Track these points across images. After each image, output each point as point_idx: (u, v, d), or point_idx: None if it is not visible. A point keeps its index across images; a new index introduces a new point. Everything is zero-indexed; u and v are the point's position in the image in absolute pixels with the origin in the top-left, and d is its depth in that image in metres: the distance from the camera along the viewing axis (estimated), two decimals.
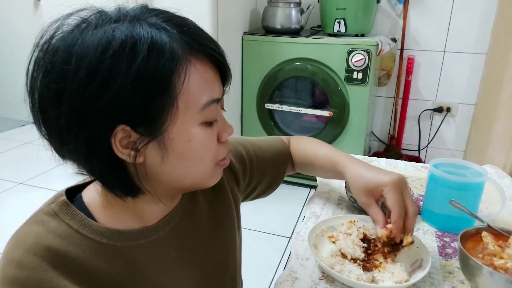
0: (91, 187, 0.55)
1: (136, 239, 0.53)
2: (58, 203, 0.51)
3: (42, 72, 0.45)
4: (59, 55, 0.44)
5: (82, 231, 0.49)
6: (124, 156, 0.46)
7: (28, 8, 3.06)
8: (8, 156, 2.81)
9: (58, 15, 0.49)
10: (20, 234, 0.49)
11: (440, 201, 0.76)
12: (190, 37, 0.47)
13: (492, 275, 0.56)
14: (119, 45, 0.42)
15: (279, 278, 0.65)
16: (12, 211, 2.12)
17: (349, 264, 0.64)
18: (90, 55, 0.42)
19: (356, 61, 1.97)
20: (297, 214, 2.12)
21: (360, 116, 2.10)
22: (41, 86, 0.45)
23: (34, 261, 0.45)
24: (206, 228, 0.63)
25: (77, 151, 0.46)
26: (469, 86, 2.31)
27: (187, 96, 0.46)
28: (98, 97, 0.43)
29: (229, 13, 2.02)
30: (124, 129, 0.45)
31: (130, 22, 0.45)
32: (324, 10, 2.13)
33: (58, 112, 0.44)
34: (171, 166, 0.49)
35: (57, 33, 0.46)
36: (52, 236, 0.48)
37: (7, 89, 3.39)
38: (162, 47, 0.44)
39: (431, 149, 2.52)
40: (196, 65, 0.47)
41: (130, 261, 0.52)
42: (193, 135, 0.49)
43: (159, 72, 0.44)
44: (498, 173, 1.03)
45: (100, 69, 0.42)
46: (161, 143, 0.47)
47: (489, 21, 2.14)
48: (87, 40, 0.43)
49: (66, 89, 0.43)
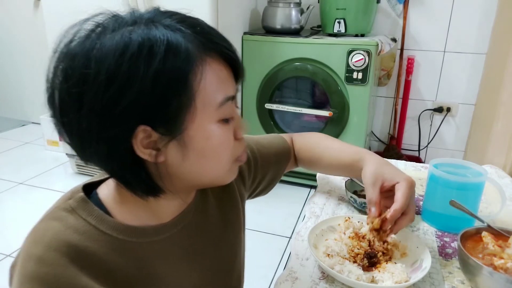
0: (107, 184, 0.55)
1: (151, 236, 0.54)
2: (75, 199, 0.52)
3: (62, 77, 0.46)
4: (78, 59, 0.45)
5: (100, 226, 0.50)
6: (146, 156, 0.47)
7: (28, 8, 3.05)
8: (8, 156, 2.81)
9: (58, 15, 0.50)
10: (39, 230, 0.49)
11: (440, 201, 0.76)
12: (203, 37, 0.48)
13: (492, 275, 0.56)
14: (136, 47, 0.43)
15: (279, 278, 0.65)
16: (12, 211, 2.12)
17: (349, 264, 0.64)
18: (109, 59, 0.43)
19: (356, 61, 1.97)
20: (297, 214, 2.12)
21: (360, 116, 2.10)
22: (61, 91, 0.46)
23: (53, 257, 0.46)
24: (215, 226, 0.64)
25: (98, 153, 0.48)
26: (469, 86, 2.32)
27: (204, 94, 0.47)
28: (118, 99, 0.43)
29: (229, 13, 2.02)
30: (145, 129, 0.46)
31: (146, 24, 0.46)
32: (324, 10, 2.12)
33: (79, 116, 0.45)
34: (191, 164, 0.50)
35: (75, 38, 0.47)
36: (70, 231, 0.48)
37: (7, 89, 3.39)
38: (178, 48, 0.45)
39: (431, 149, 2.52)
40: (211, 64, 0.48)
41: (145, 258, 0.53)
42: (212, 132, 0.50)
43: (176, 73, 0.45)
44: (498, 173, 1.03)
45: (119, 72, 0.43)
46: (181, 142, 0.48)
47: (489, 21, 2.14)
48: (105, 44, 0.44)
49: (86, 93, 0.44)
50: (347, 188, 0.86)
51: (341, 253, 0.67)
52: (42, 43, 2.38)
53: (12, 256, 1.73)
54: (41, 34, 2.38)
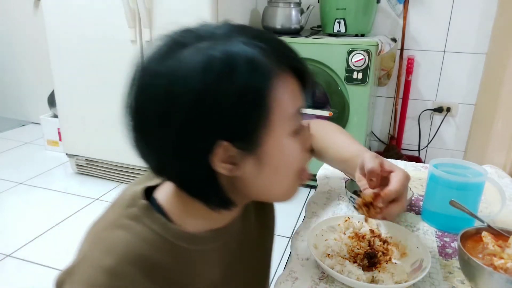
0: (164, 189, 0.55)
1: (208, 243, 0.55)
2: (139, 207, 0.51)
3: (147, 96, 0.46)
4: (162, 78, 0.45)
5: (165, 235, 0.50)
6: (223, 170, 0.47)
7: (28, 8, 3.05)
8: (8, 156, 2.81)
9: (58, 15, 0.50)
10: (107, 240, 0.48)
11: (440, 201, 0.76)
12: (278, 51, 0.48)
13: (492, 275, 0.56)
14: (220, 64, 0.43)
15: (279, 278, 0.65)
16: (12, 211, 2.12)
17: (349, 264, 0.64)
18: (194, 78, 0.43)
19: (356, 61, 1.97)
20: (297, 214, 2.12)
21: (360, 116, 2.10)
22: (145, 109, 0.46)
23: (128, 271, 0.46)
24: (254, 232, 0.65)
25: (176, 167, 0.48)
26: (469, 86, 2.31)
27: (280, 109, 0.48)
28: (203, 116, 0.44)
29: (229, 13, 2.02)
30: (224, 144, 0.46)
31: (223, 40, 0.46)
32: (324, 10, 2.12)
33: (162, 133, 0.45)
34: (265, 178, 0.50)
35: (156, 56, 0.47)
36: (140, 241, 0.48)
37: (7, 89, 3.39)
38: (258, 64, 0.45)
39: (431, 149, 2.52)
40: (285, 78, 0.49)
41: (203, 265, 0.54)
42: (286, 146, 0.50)
43: (256, 88, 0.45)
44: (498, 173, 1.03)
45: (205, 90, 0.43)
46: (257, 156, 0.48)
47: (489, 21, 2.14)
48: (188, 61, 0.44)
49: (172, 111, 0.44)
50: (347, 188, 0.86)
51: (341, 253, 0.67)
52: (42, 43, 2.38)
53: (13, 256, 1.73)
54: (41, 34, 2.38)
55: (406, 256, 0.68)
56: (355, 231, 0.72)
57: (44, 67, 2.90)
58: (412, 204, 0.87)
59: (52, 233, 1.89)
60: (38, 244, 1.82)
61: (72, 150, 2.43)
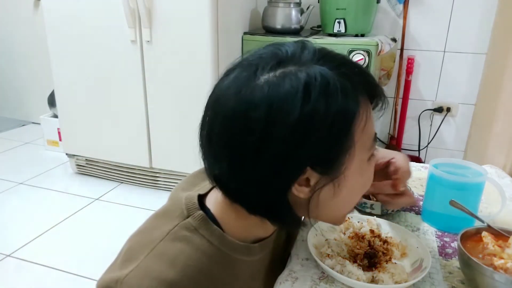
0: (214, 198, 0.55)
1: (259, 253, 0.55)
2: (196, 218, 0.51)
3: (241, 127, 0.44)
4: (260, 109, 0.42)
5: (222, 247, 0.50)
6: (300, 194, 0.47)
7: (28, 8, 3.05)
8: (8, 156, 2.80)
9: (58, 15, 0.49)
10: (167, 252, 0.48)
11: (440, 201, 0.76)
12: (361, 79, 0.48)
13: (492, 275, 0.56)
14: (316, 93, 0.42)
15: (279, 278, 0.65)
16: (12, 211, 2.12)
17: (349, 264, 0.64)
18: (291, 108, 0.42)
19: (356, 61, 1.96)
20: None
21: None
22: (237, 139, 0.44)
23: (189, 286, 0.46)
24: (282, 243, 0.67)
25: (257, 192, 0.47)
26: (469, 86, 2.31)
27: (362, 136, 0.47)
28: (298, 146, 0.43)
29: (229, 13, 2.02)
30: (307, 170, 0.45)
31: (312, 66, 0.45)
32: (324, 10, 2.12)
33: (254, 162, 0.44)
34: (338, 201, 0.50)
35: (237, 83, 0.45)
36: (199, 255, 0.48)
37: (7, 89, 3.39)
38: (348, 92, 0.45)
39: (431, 149, 2.52)
40: (366, 104, 0.48)
41: (248, 275, 0.54)
42: (364, 171, 0.51)
43: (346, 115, 0.45)
44: (498, 173, 1.03)
45: (302, 119, 0.42)
46: (336, 181, 0.48)
47: (489, 21, 2.14)
48: (283, 90, 0.42)
49: (268, 143, 0.43)
50: None
51: (341, 253, 0.67)
52: (42, 43, 2.38)
53: (13, 256, 1.73)
54: (41, 34, 2.38)
55: (406, 256, 0.68)
56: (355, 231, 0.72)
57: (44, 67, 2.90)
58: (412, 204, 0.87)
59: (52, 233, 1.89)
60: (38, 244, 1.81)
61: (72, 150, 2.43)
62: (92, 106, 2.25)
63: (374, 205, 0.80)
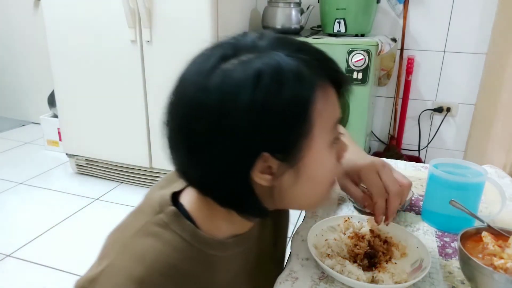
0: (189, 194, 0.55)
1: (234, 248, 0.55)
2: (168, 214, 0.51)
3: (196, 113, 0.45)
4: (213, 95, 0.44)
5: (194, 242, 0.50)
6: (262, 181, 0.47)
7: (28, 8, 3.05)
8: (8, 156, 2.81)
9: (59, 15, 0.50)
10: (137, 248, 0.48)
11: (440, 201, 0.76)
12: (320, 63, 0.48)
13: (492, 275, 0.56)
14: (268, 78, 0.43)
15: (279, 278, 0.65)
16: (12, 211, 2.12)
17: (349, 264, 0.64)
18: (243, 93, 0.43)
19: (356, 61, 1.97)
20: (297, 214, 2.12)
21: (360, 116, 2.10)
22: (194, 124, 0.45)
23: (159, 281, 0.45)
24: (269, 235, 0.66)
25: (217, 180, 0.48)
26: (469, 86, 2.31)
27: (321, 121, 0.47)
28: (251, 131, 0.44)
29: (229, 13, 2.02)
30: (265, 156, 0.46)
31: (267, 53, 0.45)
32: (324, 10, 2.12)
33: (210, 148, 0.45)
34: (301, 188, 0.50)
35: (200, 69, 0.46)
36: (170, 250, 0.48)
37: (7, 89, 3.39)
38: (303, 78, 0.45)
39: (431, 149, 2.52)
40: (326, 90, 0.48)
41: (227, 271, 0.54)
42: (324, 157, 0.50)
43: (302, 101, 0.45)
44: (498, 173, 1.03)
45: (254, 105, 0.43)
46: (296, 167, 0.48)
47: (489, 21, 2.14)
48: (236, 76, 0.44)
49: (222, 128, 0.44)
50: None
51: (341, 253, 0.67)
52: (42, 43, 2.38)
53: (13, 256, 1.73)
54: (41, 34, 2.38)
55: (406, 256, 0.68)
56: (355, 231, 0.72)
57: (44, 67, 2.90)
58: (412, 204, 0.87)
59: (52, 233, 1.89)
60: (38, 244, 1.82)
61: (72, 150, 2.43)
62: (92, 106, 2.25)
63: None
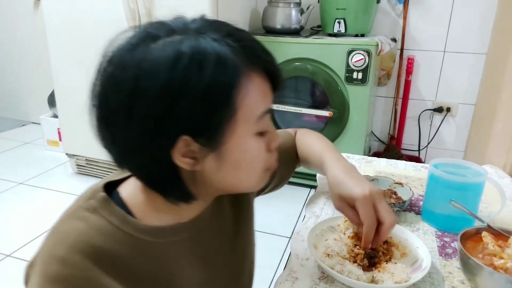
0: (128, 183, 0.55)
1: (170, 235, 0.54)
2: (97, 199, 0.52)
3: (112, 87, 0.46)
4: (130, 70, 0.45)
5: (122, 227, 0.50)
6: (184, 165, 0.48)
7: (28, 8, 3.05)
8: (8, 156, 2.81)
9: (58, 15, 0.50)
10: (61, 230, 0.49)
11: (440, 201, 0.76)
12: (249, 51, 0.48)
13: (492, 275, 0.56)
14: (188, 61, 0.43)
15: (279, 278, 0.65)
16: (12, 211, 2.12)
17: (349, 264, 0.64)
18: (160, 72, 0.43)
19: (356, 61, 1.97)
20: (297, 214, 2.12)
21: (360, 116, 2.10)
22: (110, 101, 0.47)
23: (78, 259, 0.46)
24: (229, 226, 0.65)
25: (137, 160, 0.48)
26: (469, 86, 2.31)
27: (246, 109, 0.48)
28: (167, 112, 0.44)
29: (229, 13, 2.02)
30: (186, 139, 0.46)
31: (194, 35, 0.46)
32: (324, 10, 2.13)
33: (126, 125, 0.46)
34: (225, 174, 0.51)
35: (125, 46, 0.47)
36: (94, 232, 0.48)
37: (7, 89, 3.39)
38: (227, 62, 0.45)
39: (431, 149, 2.52)
40: (254, 78, 0.48)
41: (164, 258, 0.53)
42: (249, 146, 0.50)
43: (223, 87, 0.45)
44: (498, 173, 1.03)
45: (171, 86, 0.43)
46: (218, 153, 0.48)
47: (489, 21, 2.14)
48: (156, 55, 0.44)
49: (136, 105, 0.44)
50: None
51: (341, 253, 0.67)
52: (42, 43, 2.38)
53: (13, 256, 1.73)
54: (41, 34, 2.38)
55: (406, 256, 0.68)
56: (355, 231, 0.72)
57: (44, 67, 2.90)
58: (412, 204, 0.87)
59: None
60: (38, 244, 1.81)
61: (72, 150, 2.43)
62: None
63: None
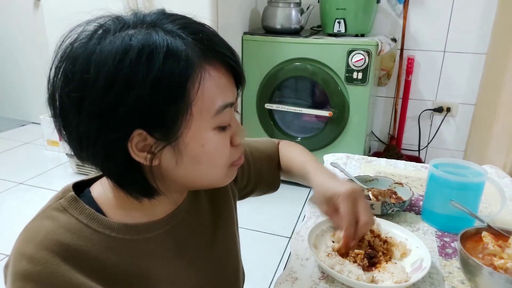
0: (101, 182, 0.56)
1: (142, 233, 0.54)
2: (66, 199, 0.52)
3: (63, 80, 0.46)
4: (79, 63, 0.45)
5: (91, 225, 0.50)
6: (140, 159, 0.48)
7: (28, 8, 3.05)
8: (8, 156, 2.80)
9: (58, 15, 0.50)
10: (31, 230, 0.50)
11: (440, 201, 0.76)
12: (205, 44, 0.48)
13: (492, 275, 0.56)
14: (136, 54, 0.44)
15: (279, 278, 0.65)
16: (12, 211, 2.12)
17: (349, 264, 0.64)
18: (108, 64, 0.44)
19: (356, 61, 1.97)
20: (297, 214, 2.12)
21: (360, 116, 2.10)
22: (62, 94, 0.47)
23: (45, 256, 0.46)
24: (207, 225, 0.65)
25: (95, 154, 0.48)
26: (469, 86, 2.31)
27: (202, 102, 0.47)
28: (116, 105, 0.44)
29: (229, 13, 2.02)
30: (141, 133, 0.46)
31: (147, 29, 0.46)
32: (324, 10, 2.13)
33: (78, 119, 0.46)
34: (185, 169, 0.51)
35: (78, 39, 0.47)
36: (62, 230, 0.49)
37: (7, 89, 3.39)
38: (178, 55, 0.45)
39: (431, 149, 2.52)
40: (210, 71, 0.48)
41: (137, 255, 0.53)
42: (207, 140, 0.50)
43: (175, 80, 0.45)
44: (498, 173, 1.03)
45: (118, 78, 0.43)
46: (175, 148, 0.48)
47: (489, 21, 2.14)
48: (105, 48, 0.44)
49: (86, 98, 0.45)
50: None
51: (327, 249, 0.67)
52: (42, 43, 2.38)
53: None
54: (41, 34, 2.38)
55: (406, 256, 0.68)
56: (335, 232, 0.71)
57: (44, 67, 2.89)
58: (412, 204, 0.87)
59: None
60: None
61: (70, 149, 2.42)
62: None
63: (374, 205, 0.80)
